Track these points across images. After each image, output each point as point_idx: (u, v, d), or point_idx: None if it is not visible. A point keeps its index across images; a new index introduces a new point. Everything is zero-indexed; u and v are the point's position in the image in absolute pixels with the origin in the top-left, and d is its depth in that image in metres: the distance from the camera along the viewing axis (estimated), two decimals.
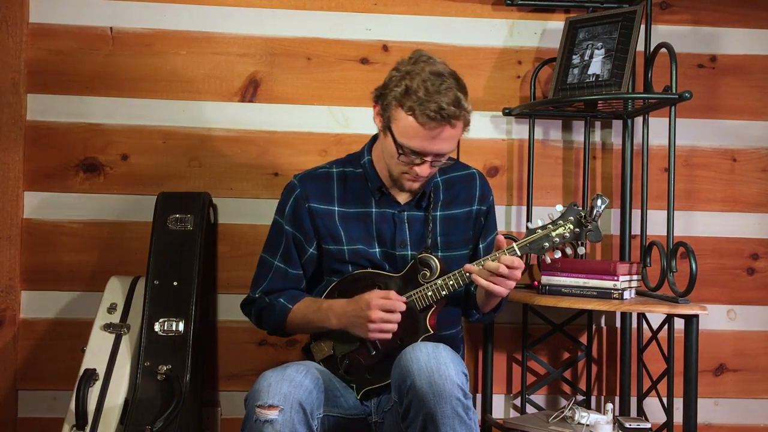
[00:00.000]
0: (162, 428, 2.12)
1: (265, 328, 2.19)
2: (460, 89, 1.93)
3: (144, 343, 2.27)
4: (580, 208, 1.98)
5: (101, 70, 2.62)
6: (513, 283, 1.96)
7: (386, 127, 1.98)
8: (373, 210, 2.10)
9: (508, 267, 1.93)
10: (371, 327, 1.95)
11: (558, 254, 2.00)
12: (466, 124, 1.98)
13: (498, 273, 1.93)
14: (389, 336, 1.96)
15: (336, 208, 2.11)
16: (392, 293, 1.97)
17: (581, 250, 1.99)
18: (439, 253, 2.09)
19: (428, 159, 1.96)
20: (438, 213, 2.13)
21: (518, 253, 1.97)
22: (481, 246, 2.19)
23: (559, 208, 2.00)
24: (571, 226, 1.97)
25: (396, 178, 2.04)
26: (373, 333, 1.96)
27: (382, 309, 1.94)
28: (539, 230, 1.99)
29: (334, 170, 2.15)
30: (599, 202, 1.94)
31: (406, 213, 2.12)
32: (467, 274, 1.98)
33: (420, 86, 1.90)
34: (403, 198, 2.13)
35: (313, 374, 1.90)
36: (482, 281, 1.94)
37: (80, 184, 2.62)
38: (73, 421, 2.16)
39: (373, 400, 2.06)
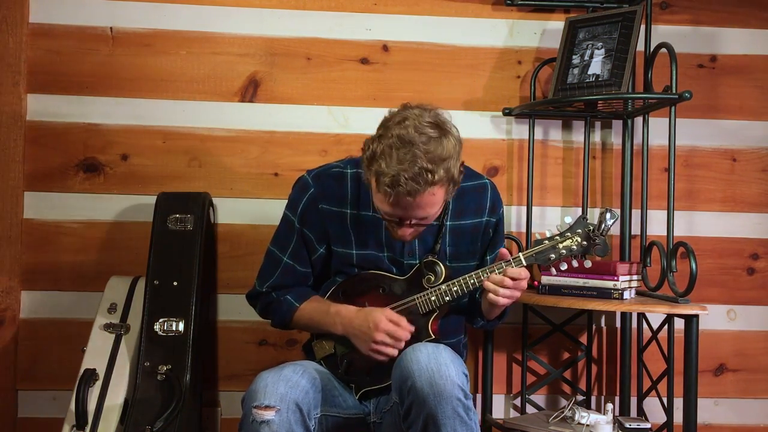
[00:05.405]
0: (162, 428, 2.12)
1: (269, 320, 2.19)
2: (431, 157, 1.80)
3: (144, 343, 2.27)
4: (589, 221, 1.96)
5: (101, 70, 2.62)
6: (518, 294, 1.96)
7: (368, 183, 1.93)
8: None
9: (513, 279, 1.92)
10: (373, 347, 1.96)
11: (564, 266, 1.99)
12: (450, 183, 1.88)
13: (503, 285, 1.92)
14: (386, 360, 1.96)
15: (348, 211, 2.09)
16: (403, 320, 1.96)
17: (587, 264, 1.97)
18: (447, 263, 2.07)
19: (405, 222, 1.92)
20: (448, 223, 2.10)
21: (524, 263, 1.96)
22: (488, 258, 2.16)
23: (568, 219, 1.98)
24: (579, 239, 1.95)
25: (387, 226, 2.02)
26: (373, 353, 1.97)
27: (389, 335, 1.94)
28: (546, 241, 1.98)
29: (349, 171, 2.10)
30: (608, 216, 1.92)
31: None
32: (471, 281, 1.97)
33: (384, 154, 1.82)
34: None
35: (310, 374, 1.90)
36: (491, 285, 1.93)
37: (80, 184, 2.62)
38: (73, 421, 2.15)
39: (371, 401, 2.06)
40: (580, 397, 2.70)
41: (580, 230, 1.96)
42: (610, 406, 2.44)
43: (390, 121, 1.88)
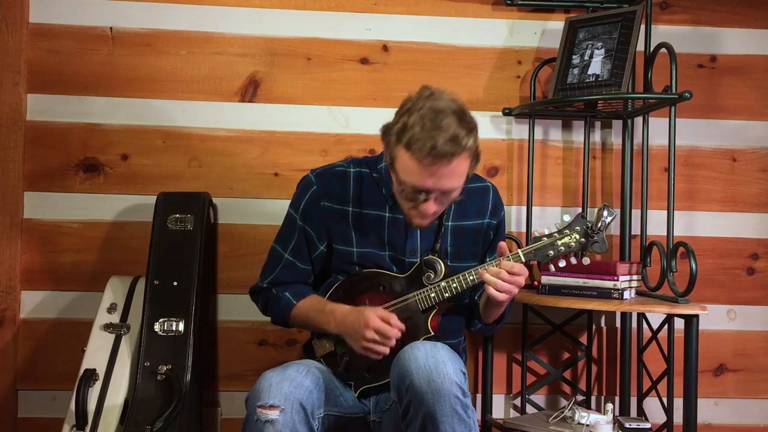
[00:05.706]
0: (162, 428, 2.12)
1: (269, 316, 2.20)
2: (462, 125, 1.86)
3: (144, 343, 2.27)
4: (588, 219, 1.97)
5: (101, 70, 2.62)
6: (516, 289, 1.96)
7: (391, 164, 1.96)
8: (387, 215, 2.09)
9: (510, 273, 1.92)
10: (363, 344, 1.95)
11: (562, 263, 1.99)
12: (474, 158, 1.94)
13: (500, 277, 1.92)
14: (379, 357, 1.96)
15: (350, 209, 2.10)
16: (393, 318, 1.95)
17: (586, 261, 1.98)
18: (448, 263, 2.07)
19: (431, 196, 1.93)
20: (450, 223, 2.12)
21: (522, 259, 1.97)
22: (488, 260, 2.16)
23: (566, 217, 2.00)
24: (578, 236, 1.97)
25: (405, 214, 2.02)
26: (365, 351, 1.97)
27: (378, 332, 1.93)
28: (545, 238, 1.98)
29: (351, 170, 2.13)
30: (606, 213, 1.93)
31: None
32: (471, 277, 1.98)
33: (417, 122, 1.85)
34: None
35: (313, 374, 1.91)
36: (488, 276, 1.93)
37: (80, 184, 2.62)
38: (73, 421, 2.15)
39: (371, 399, 2.07)
40: (580, 397, 2.70)
41: (578, 227, 1.97)
42: (610, 406, 2.44)
43: (418, 96, 1.92)
